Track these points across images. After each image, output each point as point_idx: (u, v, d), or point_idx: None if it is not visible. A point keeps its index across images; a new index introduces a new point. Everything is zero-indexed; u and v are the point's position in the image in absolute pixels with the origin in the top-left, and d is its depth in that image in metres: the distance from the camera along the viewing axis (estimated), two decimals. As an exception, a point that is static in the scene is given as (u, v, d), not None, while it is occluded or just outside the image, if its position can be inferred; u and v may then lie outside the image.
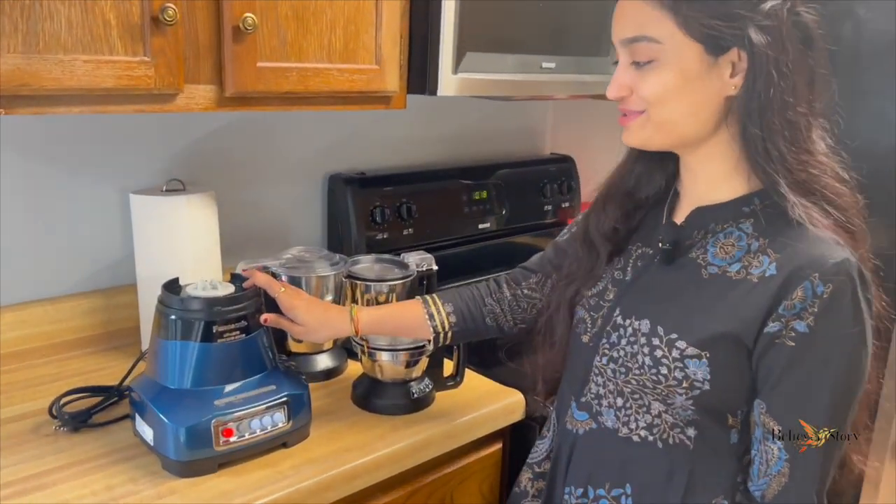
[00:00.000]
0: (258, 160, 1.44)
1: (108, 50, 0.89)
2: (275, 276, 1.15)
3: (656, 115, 0.79)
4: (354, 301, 1.25)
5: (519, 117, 1.91)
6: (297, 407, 0.99)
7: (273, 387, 0.98)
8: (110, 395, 1.06)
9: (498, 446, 1.19)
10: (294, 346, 1.19)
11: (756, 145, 0.75)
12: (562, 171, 1.89)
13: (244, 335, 0.96)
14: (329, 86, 1.11)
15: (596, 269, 0.89)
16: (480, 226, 1.71)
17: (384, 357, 1.08)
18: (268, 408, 0.95)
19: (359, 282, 1.23)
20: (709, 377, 0.77)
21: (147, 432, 0.93)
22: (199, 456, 0.91)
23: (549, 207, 1.86)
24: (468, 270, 1.63)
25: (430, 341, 1.03)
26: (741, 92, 0.75)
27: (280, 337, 1.16)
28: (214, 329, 0.94)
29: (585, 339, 0.88)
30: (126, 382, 1.04)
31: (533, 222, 1.82)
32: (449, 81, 1.21)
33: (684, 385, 0.78)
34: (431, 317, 1.02)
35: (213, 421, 0.91)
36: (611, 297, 0.87)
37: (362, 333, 1.03)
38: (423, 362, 1.12)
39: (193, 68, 0.97)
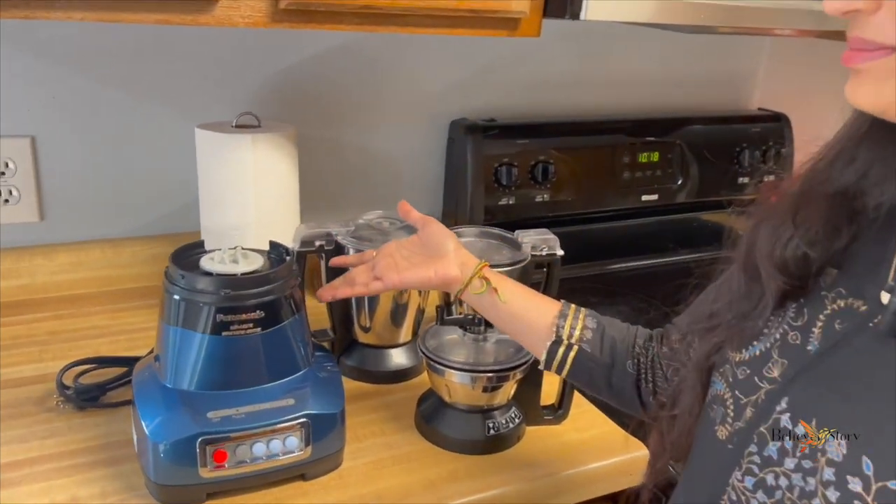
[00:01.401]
0: (358, 98, 1.19)
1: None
2: (339, 247, 0.90)
3: None
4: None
5: (716, 58, 1.48)
6: (322, 430, 0.74)
7: (291, 401, 0.74)
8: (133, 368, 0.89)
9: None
10: (362, 336, 0.95)
11: None
12: (770, 132, 1.45)
13: (260, 329, 0.73)
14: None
15: (755, 315, 0.53)
16: (644, 198, 1.34)
17: (455, 378, 0.80)
18: (278, 429, 0.72)
19: (450, 263, 0.95)
20: None
21: (134, 436, 0.74)
22: (181, 481, 0.70)
23: (746, 180, 1.43)
24: (616, 255, 1.29)
25: (546, 350, 0.71)
26: None
27: (344, 316, 0.93)
28: (219, 318, 0.71)
29: (722, 433, 0.53)
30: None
31: (719, 198, 1.41)
32: (599, 2, 0.86)
33: None
34: (563, 317, 0.72)
35: (198, 439, 0.69)
36: (775, 373, 0.50)
37: (470, 296, 0.75)
38: (511, 385, 0.82)
39: (229, -34, 0.73)
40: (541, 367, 0.73)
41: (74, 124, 1.03)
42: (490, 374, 0.79)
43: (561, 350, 0.71)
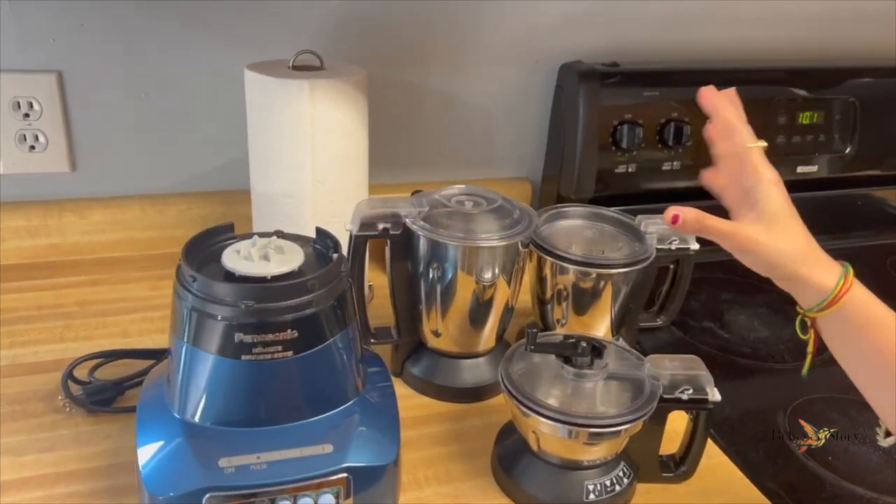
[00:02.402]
0: (445, 35, 0.97)
1: None
2: (407, 231, 0.70)
3: None
4: (542, 290, 0.78)
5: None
6: (368, 487, 0.57)
7: (329, 447, 0.56)
8: (160, 361, 0.74)
9: None
10: (432, 341, 0.76)
11: None
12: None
13: (292, 352, 0.55)
14: None
15: None
16: (801, 169, 1.07)
17: (544, 427, 0.60)
18: (310, 485, 0.55)
19: (549, 258, 0.74)
20: None
21: (138, 465, 0.59)
22: (183, 543, 0.54)
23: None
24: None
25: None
26: None
27: (410, 314, 0.75)
28: (237, 338, 0.54)
29: None
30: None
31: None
32: None
33: None
34: None
35: (205, 496, 0.53)
36: None
37: (826, 318, 0.55)
38: (623, 439, 0.62)
39: None
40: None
41: (107, 58, 0.86)
42: (595, 430, 0.58)
43: None
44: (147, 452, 0.54)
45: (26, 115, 0.85)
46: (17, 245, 0.90)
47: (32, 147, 0.87)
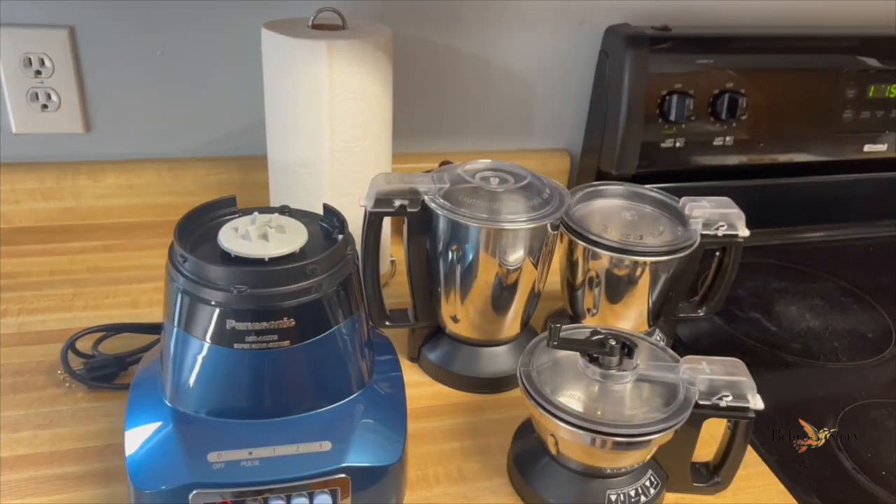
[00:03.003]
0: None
1: None
2: (426, 209, 0.65)
3: None
4: (573, 275, 0.72)
5: None
6: (368, 488, 0.53)
7: (328, 444, 0.52)
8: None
9: None
10: (451, 326, 0.71)
11: None
12: None
13: (289, 342, 0.51)
14: None
15: None
16: (868, 147, 0.98)
17: (563, 433, 0.54)
18: (305, 485, 0.51)
19: (581, 242, 0.68)
20: None
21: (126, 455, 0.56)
22: (170, 539, 0.51)
23: None
24: (816, 221, 0.95)
25: None
26: None
27: (427, 297, 0.70)
28: (229, 325, 0.50)
29: None
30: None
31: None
32: None
33: None
34: None
35: (192, 492, 0.49)
36: None
37: None
38: (652, 448, 0.56)
39: None
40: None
41: (119, 12, 0.82)
42: (622, 439, 0.53)
43: None
44: (135, 441, 0.51)
45: (38, 73, 0.82)
46: (31, 207, 0.87)
47: (45, 106, 0.83)
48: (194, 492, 0.49)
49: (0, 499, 0.56)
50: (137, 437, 0.51)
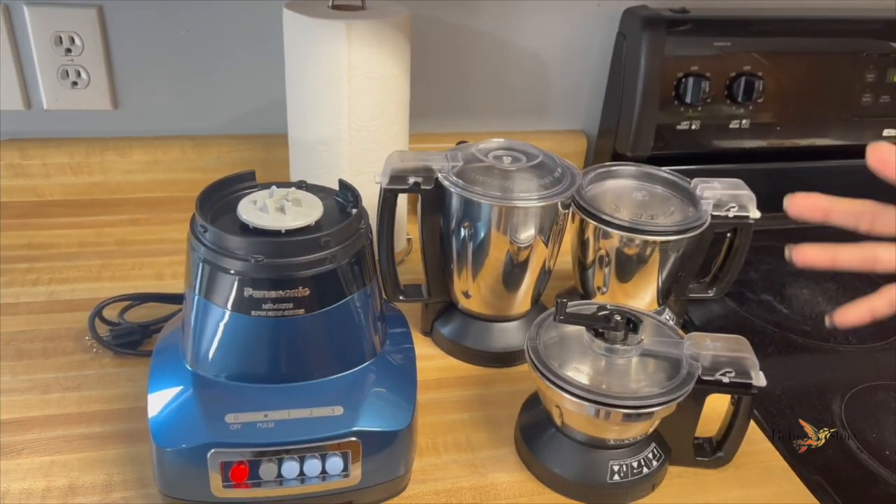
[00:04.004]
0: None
1: None
2: (439, 186, 0.67)
3: None
4: (584, 253, 0.73)
5: None
6: (378, 452, 0.55)
7: (340, 409, 0.54)
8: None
9: None
10: (463, 301, 0.73)
11: None
12: None
13: (304, 310, 0.53)
14: None
15: None
16: (887, 132, 0.98)
17: (569, 404, 0.56)
18: (318, 447, 0.53)
19: (592, 222, 0.69)
20: None
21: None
22: (190, 496, 0.53)
23: None
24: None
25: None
26: None
27: (439, 274, 0.71)
28: (246, 293, 0.52)
29: None
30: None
31: None
32: None
33: None
34: None
35: (210, 451, 0.52)
36: None
37: None
38: (654, 420, 0.58)
39: None
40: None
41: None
42: (625, 411, 0.54)
43: None
44: (157, 403, 0.54)
45: (68, 51, 0.84)
46: (61, 182, 0.90)
47: (75, 83, 0.86)
48: (212, 451, 0.51)
49: (32, 455, 0.59)
50: (160, 400, 0.54)
